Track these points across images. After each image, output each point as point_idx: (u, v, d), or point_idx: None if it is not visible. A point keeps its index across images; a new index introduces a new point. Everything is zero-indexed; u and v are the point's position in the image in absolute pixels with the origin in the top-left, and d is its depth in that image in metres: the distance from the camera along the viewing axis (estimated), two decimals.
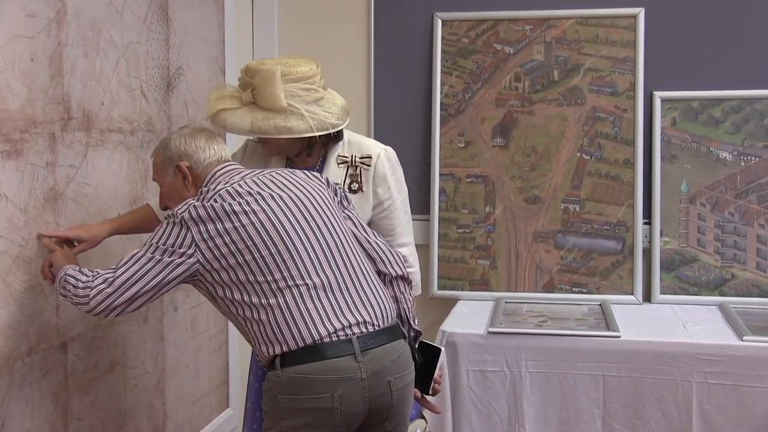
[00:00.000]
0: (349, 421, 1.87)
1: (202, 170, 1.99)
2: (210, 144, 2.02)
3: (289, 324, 1.83)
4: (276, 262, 1.84)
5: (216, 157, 2.01)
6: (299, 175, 2.00)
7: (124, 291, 1.81)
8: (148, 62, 2.41)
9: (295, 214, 1.89)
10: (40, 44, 1.94)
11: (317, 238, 1.89)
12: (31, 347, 1.93)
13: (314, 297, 1.85)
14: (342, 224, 1.97)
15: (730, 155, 3.04)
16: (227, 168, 2.00)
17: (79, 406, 2.12)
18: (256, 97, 2.10)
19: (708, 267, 3.05)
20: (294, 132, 2.10)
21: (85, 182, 2.12)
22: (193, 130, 2.06)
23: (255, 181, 1.93)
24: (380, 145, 2.27)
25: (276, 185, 1.93)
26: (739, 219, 3.03)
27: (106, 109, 2.20)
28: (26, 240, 1.91)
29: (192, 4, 2.70)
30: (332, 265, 1.89)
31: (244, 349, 3.21)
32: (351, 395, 1.84)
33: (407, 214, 2.30)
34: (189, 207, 1.86)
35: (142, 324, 2.43)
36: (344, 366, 1.83)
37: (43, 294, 1.97)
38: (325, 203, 1.96)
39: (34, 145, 1.92)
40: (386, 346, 1.89)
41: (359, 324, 1.86)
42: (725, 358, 2.50)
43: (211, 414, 2.94)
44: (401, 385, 1.92)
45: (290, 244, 1.86)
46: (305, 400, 1.84)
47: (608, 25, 3.10)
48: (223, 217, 1.84)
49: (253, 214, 1.85)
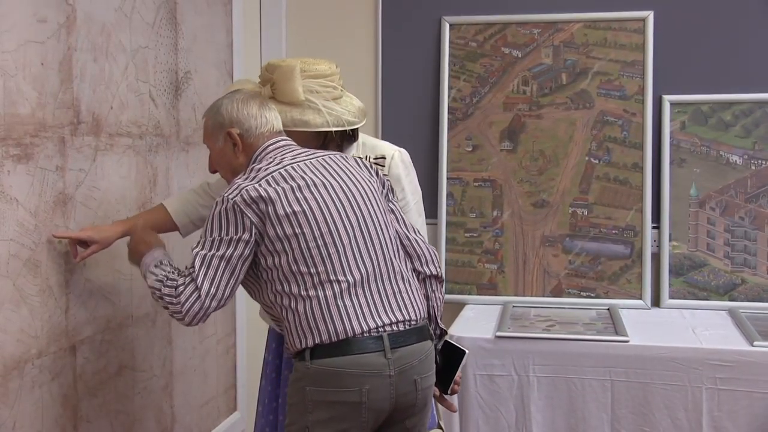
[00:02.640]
0: (374, 417, 1.89)
1: (253, 140, 1.96)
2: (262, 112, 1.99)
3: (325, 318, 1.84)
4: (321, 255, 1.85)
5: (268, 127, 1.98)
6: (351, 163, 1.99)
7: (211, 299, 1.84)
8: (156, 66, 2.42)
9: (345, 206, 1.89)
10: (50, 49, 1.95)
11: (362, 232, 1.89)
12: (40, 350, 1.94)
13: (352, 294, 1.86)
14: (386, 218, 1.96)
15: (740, 159, 3.03)
16: (279, 143, 1.97)
17: (87, 409, 2.12)
18: (275, 92, 2.11)
19: (718, 272, 3.04)
20: (310, 125, 2.11)
21: (94, 186, 2.13)
22: (246, 96, 2.01)
23: (308, 166, 1.91)
24: (394, 147, 2.27)
25: (328, 172, 1.92)
26: (749, 223, 3.02)
27: (115, 113, 2.21)
28: (36, 243, 1.91)
29: (200, 8, 2.71)
30: (373, 261, 1.89)
31: (252, 353, 3.22)
32: (378, 391, 1.86)
33: (421, 216, 2.29)
34: (241, 190, 1.85)
35: (151, 327, 2.43)
36: (373, 362, 1.85)
37: (53, 297, 1.98)
38: (373, 195, 1.95)
39: (44, 149, 1.93)
40: (415, 346, 1.91)
41: (392, 324, 1.88)
42: (735, 364, 2.49)
43: (219, 417, 2.94)
44: (426, 385, 1.94)
45: (336, 237, 1.86)
46: (333, 393, 1.85)
47: (617, 29, 3.10)
48: (276, 201, 1.84)
49: (304, 202, 1.85)
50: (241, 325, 3.08)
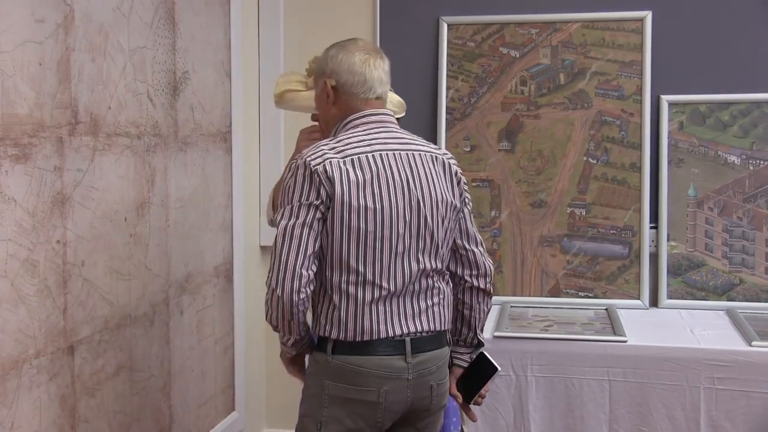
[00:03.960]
0: (389, 418, 1.93)
1: (347, 97, 1.93)
2: (366, 70, 1.92)
3: (356, 318, 1.87)
4: (374, 256, 1.86)
5: (365, 88, 1.92)
6: (437, 169, 1.94)
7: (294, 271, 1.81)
8: (154, 66, 2.42)
9: (413, 215, 1.88)
10: (48, 49, 1.94)
11: (418, 244, 1.89)
12: (38, 350, 1.94)
13: (387, 301, 1.88)
14: (447, 235, 1.94)
15: (738, 159, 3.03)
16: (377, 116, 1.93)
17: (85, 409, 2.12)
18: None
19: (716, 272, 3.04)
20: None
21: (92, 186, 2.13)
22: (359, 48, 1.96)
23: (397, 159, 1.89)
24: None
25: (413, 174, 1.90)
26: (747, 223, 3.02)
27: (113, 113, 2.21)
28: (34, 243, 1.91)
29: (198, 8, 2.71)
30: (418, 274, 1.90)
31: (250, 353, 3.22)
32: (396, 393, 1.89)
33: None
34: (324, 161, 1.83)
35: (149, 327, 2.43)
36: (394, 364, 1.88)
37: (51, 297, 1.98)
38: (445, 209, 1.93)
39: (42, 150, 1.93)
40: (434, 352, 1.94)
41: (416, 332, 1.91)
42: (733, 364, 2.49)
43: (216, 417, 2.94)
44: (441, 391, 1.98)
45: (395, 244, 1.87)
46: (352, 391, 1.88)
47: (615, 29, 3.10)
48: (353, 189, 1.83)
49: (378, 200, 1.85)
50: (239, 325, 3.08)
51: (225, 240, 2.95)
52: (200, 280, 2.77)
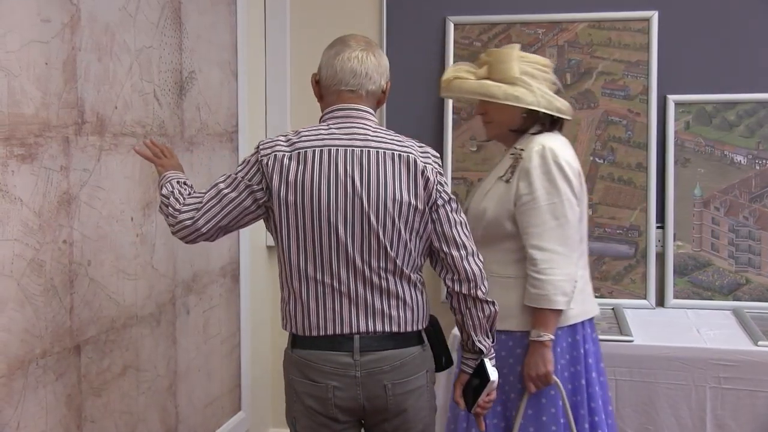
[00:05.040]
0: (344, 415, 1.92)
1: (324, 90, 1.96)
2: (337, 63, 1.92)
3: (304, 312, 1.89)
4: (313, 252, 1.87)
5: (338, 87, 1.92)
6: (388, 168, 1.87)
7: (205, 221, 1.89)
8: (161, 66, 2.42)
9: (347, 211, 1.85)
10: (54, 49, 1.95)
11: (359, 240, 1.86)
12: (45, 350, 1.94)
13: (336, 299, 1.88)
14: (394, 232, 1.87)
15: (744, 159, 3.02)
16: (336, 113, 1.92)
17: (92, 409, 2.13)
18: (491, 71, 2.21)
19: (722, 271, 3.03)
20: (520, 101, 2.17)
21: (98, 186, 2.13)
22: (341, 42, 1.96)
23: (345, 156, 1.86)
24: (547, 144, 2.19)
25: (361, 172, 1.86)
26: (753, 223, 3.01)
27: (119, 113, 2.22)
28: (41, 243, 1.92)
29: (204, 8, 2.71)
30: (362, 272, 1.87)
31: (256, 353, 3.22)
32: (345, 390, 1.89)
33: (557, 219, 2.14)
34: (272, 153, 1.87)
35: (155, 327, 2.44)
36: (341, 360, 1.88)
37: (57, 297, 1.98)
38: (395, 207, 1.86)
39: (48, 149, 1.93)
40: (388, 352, 1.90)
41: (369, 332, 1.89)
42: (739, 363, 2.49)
43: (223, 417, 2.94)
44: (400, 391, 1.92)
45: (327, 240, 1.86)
46: (310, 386, 1.91)
47: (621, 29, 3.09)
48: (290, 184, 1.85)
49: (316, 196, 1.84)
50: (246, 325, 3.08)
51: (231, 240, 2.95)
52: (206, 280, 2.77)
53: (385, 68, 1.97)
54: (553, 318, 2.15)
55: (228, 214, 1.89)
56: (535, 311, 2.15)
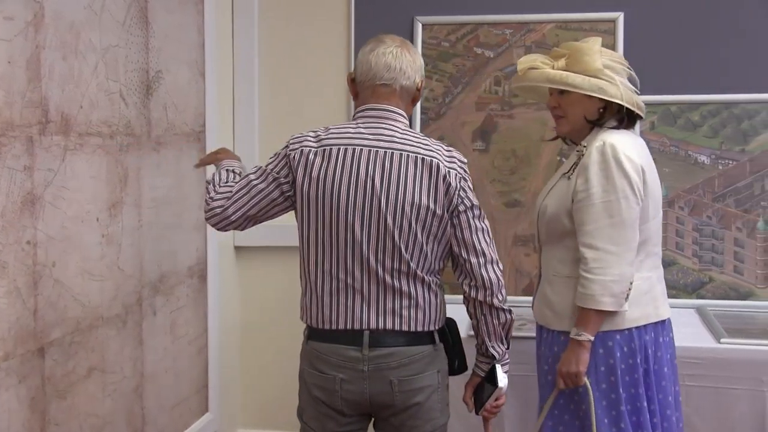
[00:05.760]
0: (350, 409, 1.96)
1: (359, 88, 2.01)
2: (372, 59, 1.97)
3: (318, 305, 1.94)
4: (330, 247, 1.91)
5: (373, 81, 1.97)
6: (410, 173, 1.90)
7: (235, 209, 1.96)
8: (127, 66, 2.40)
9: (364, 211, 1.89)
10: (18, 47, 1.92)
11: (375, 240, 1.90)
12: (7, 352, 1.91)
13: (350, 295, 1.92)
14: (410, 235, 1.90)
15: (708, 159, 3.07)
16: (368, 113, 1.97)
17: (56, 412, 2.10)
18: (570, 62, 2.16)
19: (686, 270, 3.08)
20: (606, 93, 2.14)
21: (63, 186, 2.11)
22: (375, 40, 2.01)
23: (371, 157, 1.91)
24: (608, 140, 2.13)
25: (383, 174, 1.89)
26: (716, 222, 3.06)
27: (84, 112, 2.19)
28: (3, 244, 1.89)
29: (172, 7, 2.69)
30: (376, 271, 1.91)
31: (224, 353, 3.20)
32: (352, 383, 1.93)
33: (612, 217, 2.06)
34: (300, 148, 1.93)
35: (121, 329, 2.41)
36: (350, 354, 1.92)
37: (21, 299, 1.95)
38: (412, 211, 1.89)
39: (11, 149, 1.90)
40: (397, 348, 1.94)
41: (378, 329, 1.93)
42: (703, 361, 2.53)
43: (191, 418, 2.93)
44: (407, 388, 1.95)
45: (344, 236, 1.90)
46: (317, 376, 1.96)
47: (588, 30, 3.12)
48: (314, 180, 1.91)
49: (330, 190, 1.89)
50: (214, 326, 3.06)
51: (199, 240, 2.93)
52: (174, 281, 2.75)
53: (420, 66, 2.02)
54: (597, 319, 2.08)
55: (256, 204, 1.96)
56: (581, 309, 2.10)
